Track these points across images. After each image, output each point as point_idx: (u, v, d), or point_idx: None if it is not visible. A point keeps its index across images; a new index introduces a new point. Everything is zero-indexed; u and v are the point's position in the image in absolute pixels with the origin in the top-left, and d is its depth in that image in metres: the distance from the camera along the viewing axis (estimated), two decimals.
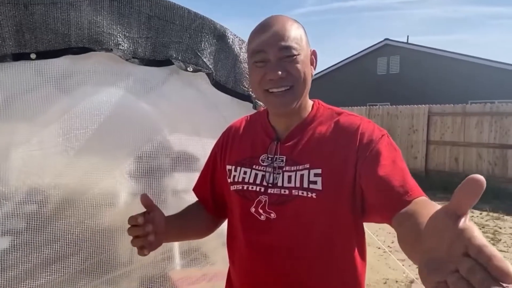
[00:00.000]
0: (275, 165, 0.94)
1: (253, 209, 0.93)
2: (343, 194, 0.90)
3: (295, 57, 0.89)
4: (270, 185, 0.93)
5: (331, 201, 0.89)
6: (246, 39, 1.07)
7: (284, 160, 0.93)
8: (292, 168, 0.91)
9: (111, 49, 1.50)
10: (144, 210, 0.99)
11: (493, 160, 8.14)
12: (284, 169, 0.92)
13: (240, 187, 0.97)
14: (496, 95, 11.94)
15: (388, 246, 4.58)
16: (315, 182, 0.88)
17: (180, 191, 2.62)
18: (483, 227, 5.52)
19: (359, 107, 10.94)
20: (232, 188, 1.01)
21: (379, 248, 3.91)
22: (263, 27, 0.92)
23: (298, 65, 0.89)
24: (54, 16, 1.42)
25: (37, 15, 1.40)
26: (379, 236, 4.95)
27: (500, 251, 4.48)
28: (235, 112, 2.14)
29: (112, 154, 2.13)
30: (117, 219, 2.22)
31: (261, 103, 1.82)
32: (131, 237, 0.98)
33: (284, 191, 0.91)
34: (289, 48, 0.88)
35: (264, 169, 0.95)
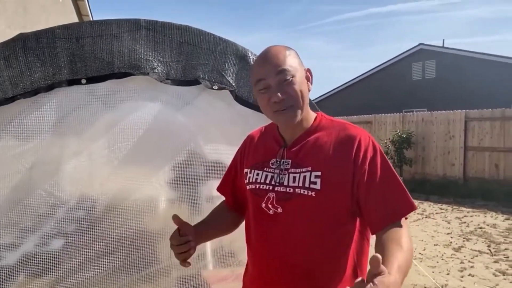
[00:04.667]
0: (282, 167, 1.09)
1: (263, 205, 1.08)
2: (340, 195, 1.04)
3: (291, 79, 1.04)
4: (277, 184, 1.07)
5: (328, 200, 1.03)
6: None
7: (290, 163, 1.09)
8: (297, 170, 1.07)
9: (148, 73, 1.74)
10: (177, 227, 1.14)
11: None
12: (289, 170, 1.08)
13: (254, 186, 1.13)
14: None
15: (420, 253, 4.56)
16: (315, 183, 1.02)
17: (214, 197, 2.82)
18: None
19: (393, 114, 10.80)
20: (248, 187, 1.17)
21: None
22: (261, 59, 1.10)
23: (295, 86, 1.05)
24: (100, 47, 1.68)
25: (87, 46, 1.67)
26: None
27: None
28: (260, 122, 2.31)
29: (151, 163, 2.36)
30: (155, 222, 2.45)
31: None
32: (167, 238, 1.17)
33: (289, 189, 1.06)
34: (284, 71, 1.04)
35: (273, 171, 1.10)
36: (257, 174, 1.13)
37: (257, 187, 1.12)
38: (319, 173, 1.03)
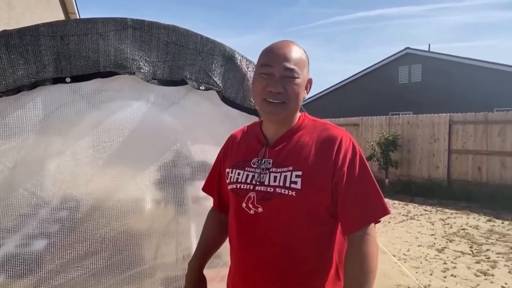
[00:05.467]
0: (263, 166, 1.09)
1: (244, 204, 1.08)
2: (319, 195, 1.05)
3: (294, 79, 1.05)
4: (258, 183, 1.07)
5: (308, 200, 1.04)
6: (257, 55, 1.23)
7: (271, 163, 1.09)
8: (278, 170, 1.07)
9: (134, 72, 1.73)
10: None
11: None
12: (270, 170, 1.08)
13: (235, 186, 1.12)
14: None
15: (404, 254, 4.62)
16: (295, 182, 1.03)
17: (201, 198, 2.80)
18: (503, 236, 5.45)
19: (380, 116, 10.92)
20: (229, 187, 1.17)
21: (394, 255, 3.97)
22: (276, 46, 1.10)
23: (295, 86, 1.06)
24: (86, 45, 1.66)
25: (72, 44, 1.65)
26: (395, 244, 4.99)
27: None
28: (247, 123, 2.31)
29: (136, 163, 2.34)
30: (140, 222, 2.43)
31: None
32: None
33: (270, 189, 1.06)
34: (292, 70, 1.05)
35: (254, 170, 1.10)
36: (238, 174, 1.13)
37: (238, 186, 1.12)
38: (300, 173, 1.04)
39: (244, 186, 1.10)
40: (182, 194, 2.46)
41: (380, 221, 1.08)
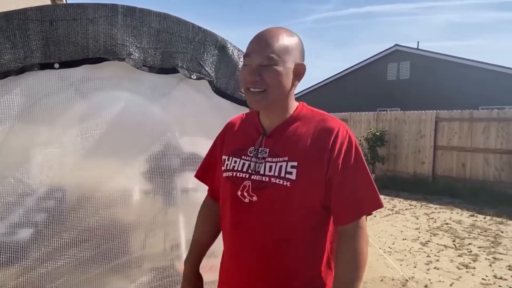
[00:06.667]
0: (259, 155, 1.09)
1: (239, 193, 1.08)
2: (314, 186, 1.04)
3: (272, 66, 1.03)
4: (253, 172, 1.07)
5: (303, 190, 1.04)
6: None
7: (267, 152, 1.07)
8: (273, 160, 1.07)
9: (124, 59, 1.70)
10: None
11: (500, 166, 8.12)
12: (266, 159, 1.06)
13: (231, 174, 1.12)
14: (507, 101, 11.88)
15: (389, 247, 4.70)
16: (290, 173, 1.03)
17: (190, 190, 2.79)
18: (485, 231, 5.58)
19: (368, 112, 11.02)
20: (224, 174, 1.16)
21: (380, 248, 4.04)
22: (257, 36, 1.09)
23: (273, 74, 1.03)
24: (75, 30, 1.63)
25: (61, 29, 1.62)
26: (381, 238, 5.07)
27: (499, 253, 4.55)
28: (238, 114, 2.31)
29: (125, 153, 2.32)
30: (127, 212, 2.42)
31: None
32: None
33: (265, 178, 1.04)
34: (269, 58, 1.03)
35: (250, 159, 1.10)
36: (235, 162, 1.13)
37: (234, 174, 1.12)
38: (295, 163, 1.04)
39: (240, 174, 1.10)
40: (171, 185, 2.45)
41: (372, 213, 1.09)
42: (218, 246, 2.03)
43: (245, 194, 1.08)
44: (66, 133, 2.12)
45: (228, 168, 1.14)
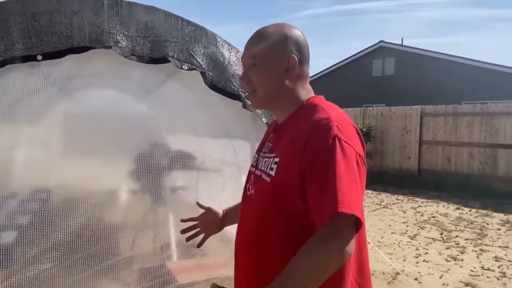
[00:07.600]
0: (264, 150, 1.14)
1: (248, 185, 1.15)
2: (290, 183, 0.95)
3: (256, 67, 1.06)
4: (256, 167, 1.13)
5: (280, 187, 0.98)
6: (242, 43, 1.23)
7: (269, 148, 1.11)
8: (267, 155, 1.09)
9: (110, 46, 1.61)
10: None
11: (483, 159, 8.28)
12: (265, 155, 1.11)
13: (249, 168, 1.21)
14: (489, 96, 12.10)
15: (378, 241, 4.73)
16: (272, 169, 1.02)
17: (178, 188, 2.74)
18: (471, 223, 5.68)
19: (354, 108, 11.08)
20: None
21: (369, 242, 4.06)
22: (249, 38, 1.13)
23: (257, 74, 1.06)
24: (59, 20, 1.55)
25: (43, 20, 1.54)
26: (369, 232, 5.10)
27: (486, 245, 4.63)
28: (228, 112, 2.26)
29: (112, 153, 2.25)
30: (115, 213, 2.35)
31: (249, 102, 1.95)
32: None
33: (259, 173, 1.09)
34: (250, 59, 1.07)
35: (259, 154, 1.15)
36: (254, 157, 1.19)
37: (249, 168, 1.19)
38: (277, 160, 1.02)
39: (251, 168, 1.16)
40: (159, 184, 2.40)
41: (361, 226, 0.90)
42: (210, 245, 1.98)
43: (250, 187, 1.13)
44: (50, 132, 2.05)
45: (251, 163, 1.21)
